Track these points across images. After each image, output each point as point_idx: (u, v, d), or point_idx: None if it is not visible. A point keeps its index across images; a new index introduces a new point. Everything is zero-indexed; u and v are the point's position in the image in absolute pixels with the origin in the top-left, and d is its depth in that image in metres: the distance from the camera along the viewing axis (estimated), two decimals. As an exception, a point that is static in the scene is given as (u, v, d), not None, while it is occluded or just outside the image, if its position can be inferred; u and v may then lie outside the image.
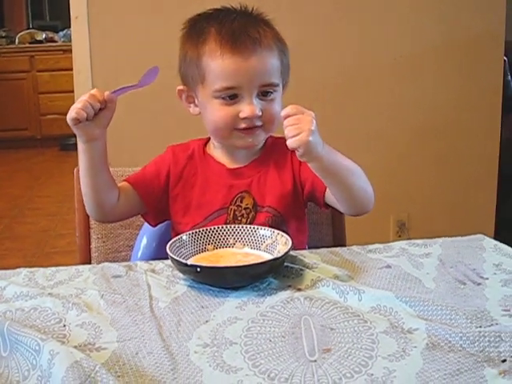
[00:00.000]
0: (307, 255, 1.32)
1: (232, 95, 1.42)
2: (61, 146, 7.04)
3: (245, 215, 1.48)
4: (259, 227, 1.36)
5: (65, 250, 4.04)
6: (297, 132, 1.24)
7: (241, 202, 1.48)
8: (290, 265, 1.25)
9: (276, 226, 1.38)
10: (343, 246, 1.55)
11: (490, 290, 1.15)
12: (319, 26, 2.98)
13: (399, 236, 3.18)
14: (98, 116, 1.36)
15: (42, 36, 7.56)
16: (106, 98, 1.36)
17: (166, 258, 1.25)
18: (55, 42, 7.57)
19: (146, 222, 1.57)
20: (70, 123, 1.35)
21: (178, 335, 1.02)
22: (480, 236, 1.43)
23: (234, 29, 1.42)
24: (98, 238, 1.68)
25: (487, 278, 1.21)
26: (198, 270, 1.17)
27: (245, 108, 1.41)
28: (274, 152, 1.53)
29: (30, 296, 1.17)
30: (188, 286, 1.20)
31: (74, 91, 2.95)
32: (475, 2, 3.08)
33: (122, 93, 1.37)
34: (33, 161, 6.76)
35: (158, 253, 1.50)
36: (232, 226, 1.37)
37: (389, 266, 1.27)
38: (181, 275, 1.24)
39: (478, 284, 1.18)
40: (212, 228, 1.36)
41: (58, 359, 0.91)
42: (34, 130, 7.34)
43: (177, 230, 1.49)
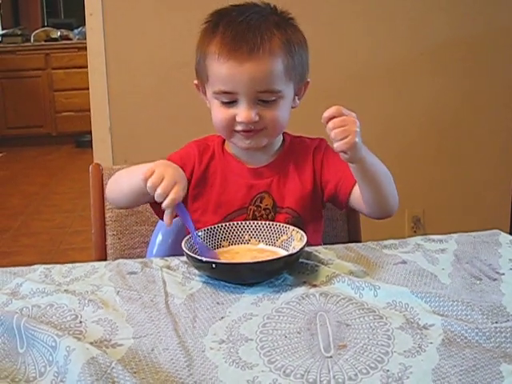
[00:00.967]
0: (322, 251, 1.32)
1: (230, 99, 1.41)
2: (76, 142, 7.06)
3: (264, 216, 1.47)
4: (274, 223, 1.36)
5: (80, 247, 4.06)
6: (345, 135, 1.24)
7: (260, 202, 1.48)
8: (305, 261, 1.25)
9: None
10: (358, 241, 1.55)
11: (506, 286, 1.15)
12: (327, 25, 2.98)
13: (414, 231, 3.17)
14: None
15: (56, 34, 7.58)
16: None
17: (182, 254, 1.25)
18: (70, 39, 7.59)
19: (161, 220, 1.56)
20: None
21: (194, 331, 1.02)
22: (496, 231, 1.42)
23: (236, 32, 1.39)
24: (113, 234, 1.68)
25: (503, 274, 1.20)
26: (214, 266, 1.17)
27: (240, 113, 1.40)
28: (293, 152, 1.52)
29: (47, 293, 1.18)
30: (203, 282, 1.20)
31: (88, 88, 2.96)
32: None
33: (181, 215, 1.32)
34: (48, 158, 6.79)
35: (174, 249, 1.50)
36: (247, 223, 1.37)
37: (404, 262, 1.27)
38: (196, 272, 1.24)
39: (494, 279, 1.18)
40: (227, 224, 1.36)
41: (75, 355, 0.91)
42: (50, 127, 7.36)
43: (196, 228, 1.48)
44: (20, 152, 7.00)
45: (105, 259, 1.66)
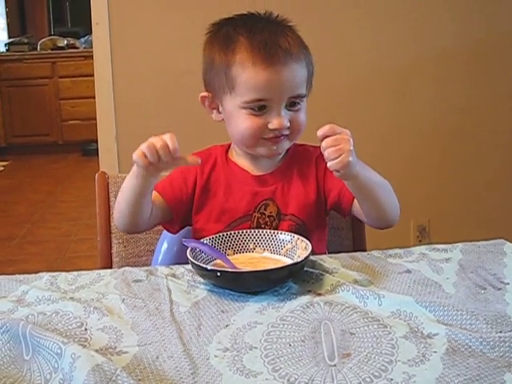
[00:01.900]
0: (327, 260, 1.32)
1: (261, 106, 1.41)
2: (82, 151, 7.08)
3: (268, 223, 1.48)
4: (279, 232, 1.36)
5: (86, 255, 4.06)
6: (338, 154, 1.24)
7: (265, 209, 1.48)
8: (310, 269, 1.25)
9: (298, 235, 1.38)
10: (363, 250, 1.55)
11: (511, 295, 1.15)
12: (331, 30, 2.98)
13: (420, 241, 3.17)
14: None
15: (63, 42, 7.61)
16: (175, 156, 1.27)
17: (187, 262, 1.25)
18: (76, 48, 7.62)
19: (166, 230, 1.56)
20: (133, 161, 1.31)
21: (199, 339, 1.02)
22: (501, 241, 1.42)
23: (265, 39, 1.40)
24: (118, 242, 1.69)
25: (508, 283, 1.20)
26: (219, 274, 1.18)
27: (274, 120, 1.41)
28: (296, 159, 1.53)
29: (52, 300, 1.18)
30: (208, 290, 1.21)
31: (95, 97, 2.97)
32: (494, 1, 3.07)
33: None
34: (54, 166, 6.80)
35: (179, 257, 1.50)
36: (252, 231, 1.37)
37: (409, 271, 1.27)
38: (201, 280, 1.24)
39: (499, 289, 1.18)
40: (232, 233, 1.37)
41: (80, 363, 0.92)
42: (56, 135, 7.38)
43: (199, 236, 1.48)
44: (26, 160, 7.02)
45: (110, 267, 1.66)
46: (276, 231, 1.37)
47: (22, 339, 1.02)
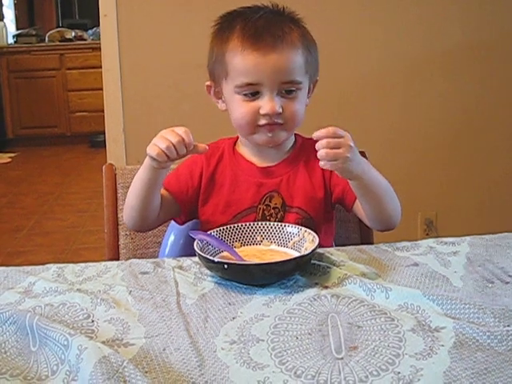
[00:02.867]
0: (334, 253, 1.32)
1: (253, 92, 1.42)
2: (90, 142, 7.09)
3: (273, 215, 1.48)
4: (286, 224, 1.36)
5: (93, 247, 4.07)
6: (334, 158, 1.25)
7: (270, 201, 1.48)
8: (317, 262, 1.25)
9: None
10: (370, 243, 1.55)
11: (519, 289, 1.14)
12: (339, 28, 2.98)
13: (427, 234, 3.16)
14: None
15: (71, 34, 7.62)
16: (190, 147, 1.31)
17: (194, 254, 1.25)
18: (84, 40, 7.62)
19: (174, 221, 1.57)
20: (149, 156, 1.33)
21: (205, 332, 1.02)
22: (508, 234, 1.42)
23: (257, 26, 1.42)
24: (126, 234, 1.69)
25: (516, 277, 1.20)
26: (226, 266, 1.18)
27: (265, 104, 1.41)
28: (303, 153, 1.52)
29: (59, 292, 1.18)
30: (215, 282, 1.21)
31: (102, 89, 2.97)
32: (500, 1, 3.05)
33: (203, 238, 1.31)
34: (62, 158, 6.81)
35: (186, 250, 1.50)
36: (259, 223, 1.37)
37: (416, 264, 1.26)
38: (208, 272, 1.24)
39: (506, 283, 1.17)
40: (239, 225, 1.37)
41: (87, 354, 0.92)
42: (64, 127, 7.39)
43: (205, 228, 1.49)
44: (34, 152, 7.03)
45: (117, 259, 1.66)
46: (283, 224, 1.37)
47: (28, 331, 1.02)
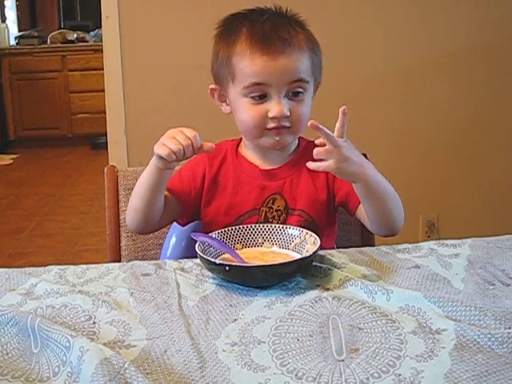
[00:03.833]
0: (335, 255, 1.32)
1: (261, 95, 1.42)
2: (92, 144, 7.09)
3: (276, 217, 1.48)
4: (288, 226, 1.36)
5: (95, 248, 4.08)
6: (325, 156, 1.27)
7: (272, 203, 1.49)
8: (319, 264, 1.25)
9: None
10: (372, 245, 1.55)
11: (520, 291, 1.14)
12: (343, 30, 2.98)
13: (428, 236, 3.16)
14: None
15: (73, 36, 7.62)
16: (197, 150, 1.33)
17: (195, 256, 1.25)
18: (86, 41, 7.62)
19: (176, 222, 1.57)
20: (157, 155, 1.34)
21: (207, 333, 1.02)
22: (510, 236, 1.42)
23: (264, 29, 1.42)
24: (127, 236, 1.69)
25: (517, 279, 1.20)
26: (227, 268, 1.18)
27: (273, 107, 1.41)
28: (307, 155, 1.52)
29: (61, 293, 1.18)
30: (217, 284, 1.21)
31: (104, 90, 2.98)
32: (504, 3, 3.05)
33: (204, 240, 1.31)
34: (64, 159, 6.82)
35: (187, 251, 1.50)
36: (261, 225, 1.37)
37: (417, 266, 1.27)
38: (210, 274, 1.24)
39: (507, 285, 1.17)
40: (241, 227, 1.37)
41: (88, 356, 0.92)
42: (66, 128, 7.39)
43: (208, 230, 1.49)
44: (36, 153, 7.04)
45: (119, 261, 1.66)
46: (285, 226, 1.37)
47: (30, 332, 1.02)
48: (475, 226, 3.08)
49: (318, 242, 1.25)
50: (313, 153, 1.27)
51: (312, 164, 1.28)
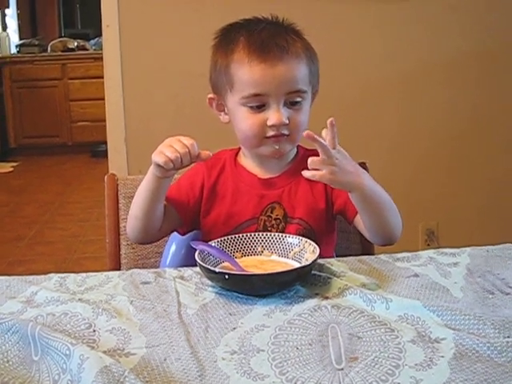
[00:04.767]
0: (335, 263, 1.32)
1: (259, 104, 1.43)
2: (91, 152, 7.10)
3: (275, 226, 1.48)
4: (287, 235, 1.36)
5: (94, 256, 4.07)
6: (318, 166, 1.27)
7: (271, 212, 1.49)
8: (318, 273, 1.25)
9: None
10: (371, 254, 1.55)
11: (519, 300, 1.15)
12: (341, 35, 2.99)
13: (428, 245, 3.16)
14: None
15: (73, 44, 7.63)
16: (195, 159, 1.34)
17: (195, 265, 1.25)
18: (86, 50, 7.64)
19: (175, 231, 1.57)
20: (155, 163, 1.35)
21: (206, 342, 1.02)
22: (509, 245, 1.42)
23: (262, 37, 1.43)
24: (127, 244, 1.69)
25: (516, 288, 1.20)
26: (227, 277, 1.18)
27: (272, 116, 1.42)
28: (305, 163, 1.52)
29: (61, 301, 1.19)
30: (216, 293, 1.21)
31: (104, 99, 2.98)
32: (503, 8, 3.06)
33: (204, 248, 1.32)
34: (64, 167, 6.82)
35: (187, 260, 1.50)
36: (260, 234, 1.37)
37: (416, 275, 1.27)
38: (209, 282, 1.25)
39: (507, 294, 1.18)
40: (240, 236, 1.37)
41: (88, 364, 0.92)
42: (66, 136, 7.41)
43: (207, 239, 1.49)
44: (36, 161, 7.05)
45: (119, 269, 1.66)
46: (284, 234, 1.37)
47: (31, 340, 1.02)
48: (475, 233, 3.09)
49: (317, 251, 1.25)
50: (308, 162, 1.27)
51: (307, 172, 1.28)
